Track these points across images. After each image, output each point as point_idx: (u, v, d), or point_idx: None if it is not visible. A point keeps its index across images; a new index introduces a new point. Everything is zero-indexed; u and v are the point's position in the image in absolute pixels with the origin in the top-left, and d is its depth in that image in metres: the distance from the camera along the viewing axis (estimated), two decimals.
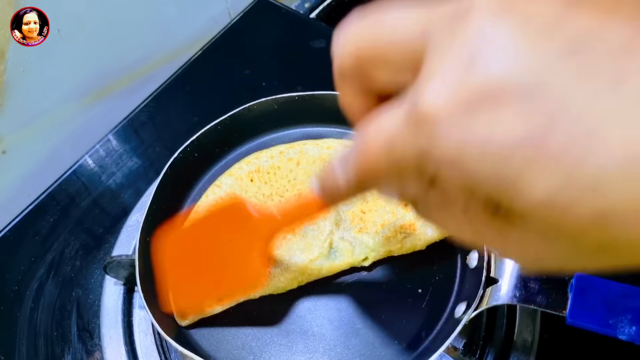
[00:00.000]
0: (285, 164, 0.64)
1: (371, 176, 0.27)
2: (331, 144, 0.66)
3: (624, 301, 0.45)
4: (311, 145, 0.66)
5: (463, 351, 0.58)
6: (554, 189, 0.20)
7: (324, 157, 0.65)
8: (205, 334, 0.57)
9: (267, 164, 0.65)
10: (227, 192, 0.63)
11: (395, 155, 0.24)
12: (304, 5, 1.08)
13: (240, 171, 0.65)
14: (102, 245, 0.70)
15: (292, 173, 0.64)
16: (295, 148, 0.66)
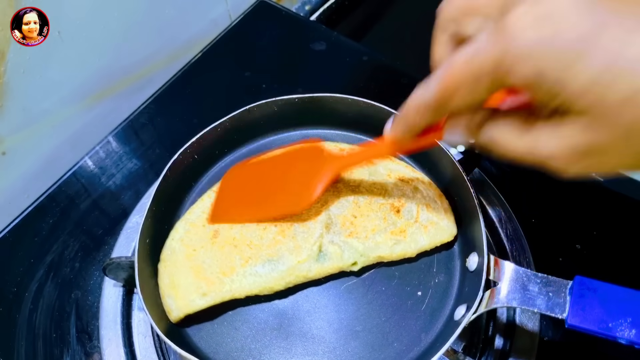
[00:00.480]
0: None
1: (452, 87, 0.34)
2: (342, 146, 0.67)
3: (623, 304, 0.45)
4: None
5: (462, 354, 0.58)
6: (597, 72, 0.28)
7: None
8: (205, 335, 0.57)
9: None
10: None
11: (478, 59, 0.32)
12: (304, 8, 1.08)
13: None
14: (102, 246, 0.70)
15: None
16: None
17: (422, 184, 0.63)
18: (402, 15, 1.10)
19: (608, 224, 0.69)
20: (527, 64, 0.30)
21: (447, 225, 0.60)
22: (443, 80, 0.35)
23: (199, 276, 0.56)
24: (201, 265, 0.57)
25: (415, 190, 0.62)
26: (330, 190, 0.62)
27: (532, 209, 0.70)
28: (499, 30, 0.31)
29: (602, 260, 0.66)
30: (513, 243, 0.66)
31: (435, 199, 0.62)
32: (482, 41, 0.32)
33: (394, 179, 0.63)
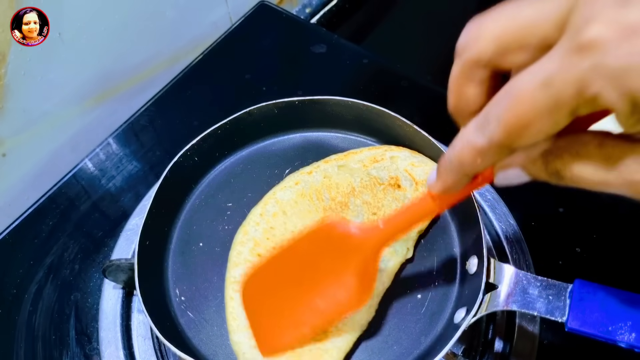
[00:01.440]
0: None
1: (523, 122, 0.29)
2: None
3: (623, 308, 0.45)
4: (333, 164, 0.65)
5: (462, 357, 0.58)
6: None
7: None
8: (204, 338, 0.57)
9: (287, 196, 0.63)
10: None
11: (555, 86, 0.28)
12: (304, 11, 1.08)
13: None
14: (102, 248, 0.70)
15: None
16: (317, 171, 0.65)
17: (392, 151, 0.65)
18: (402, 18, 1.10)
19: (608, 227, 0.69)
20: (621, 85, 0.26)
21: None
22: (509, 114, 0.29)
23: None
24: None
25: (393, 159, 0.64)
26: (332, 207, 0.61)
27: (532, 212, 0.70)
28: (581, 47, 0.27)
29: (602, 264, 0.66)
30: (513, 246, 0.66)
31: (412, 155, 0.64)
32: (557, 62, 0.28)
33: (370, 164, 0.64)
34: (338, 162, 0.65)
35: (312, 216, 0.60)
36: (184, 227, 0.65)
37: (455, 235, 0.62)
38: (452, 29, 1.18)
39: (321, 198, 0.62)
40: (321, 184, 0.63)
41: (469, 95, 0.34)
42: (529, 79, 0.28)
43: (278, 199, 0.62)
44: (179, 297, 0.59)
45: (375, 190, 0.62)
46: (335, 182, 0.63)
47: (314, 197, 0.62)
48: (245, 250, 0.58)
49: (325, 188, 0.63)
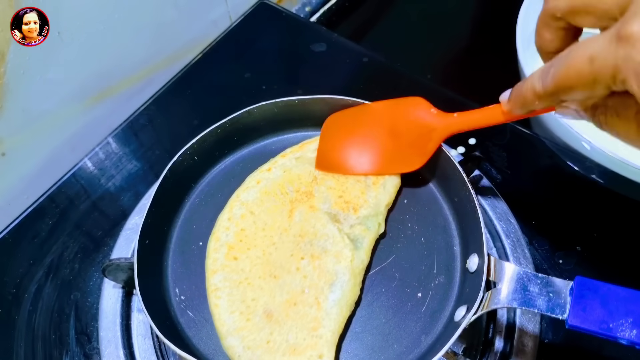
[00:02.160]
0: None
1: (569, 84, 0.36)
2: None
3: (624, 305, 0.45)
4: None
5: (463, 355, 0.58)
6: None
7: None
8: (204, 337, 0.57)
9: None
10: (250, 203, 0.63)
11: (597, 64, 0.33)
12: (304, 9, 1.08)
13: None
14: (101, 248, 0.70)
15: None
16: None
17: None
18: (402, 17, 1.10)
19: (608, 225, 0.69)
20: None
21: None
22: (561, 74, 0.36)
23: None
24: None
25: None
26: (298, 198, 0.62)
27: (532, 210, 0.70)
28: (620, 38, 0.32)
29: (602, 262, 0.66)
30: (513, 244, 0.66)
31: None
32: (604, 43, 0.33)
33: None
34: (295, 155, 0.66)
35: (280, 210, 0.62)
36: (183, 227, 0.65)
37: (455, 234, 0.62)
38: (451, 28, 1.20)
39: (285, 192, 0.63)
40: (282, 179, 0.64)
41: (547, 38, 0.41)
42: (582, 51, 0.34)
43: (243, 201, 0.63)
44: (179, 297, 0.59)
45: (337, 175, 0.64)
46: (296, 174, 0.64)
47: (278, 192, 0.63)
48: (221, 257, 0.59)
49: (287, 182, 0.64)
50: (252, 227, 0.61)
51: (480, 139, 0.76)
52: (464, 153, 0.75)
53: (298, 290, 0.56)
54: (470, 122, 0.56)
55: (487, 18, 1.09)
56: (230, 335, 0.54)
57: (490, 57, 1.00)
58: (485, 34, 1.07)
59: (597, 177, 0.73)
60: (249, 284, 0.57)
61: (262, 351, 0.53)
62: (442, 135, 0.58)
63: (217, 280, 0.57)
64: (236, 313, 0.55)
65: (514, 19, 0.81)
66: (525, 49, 0.78)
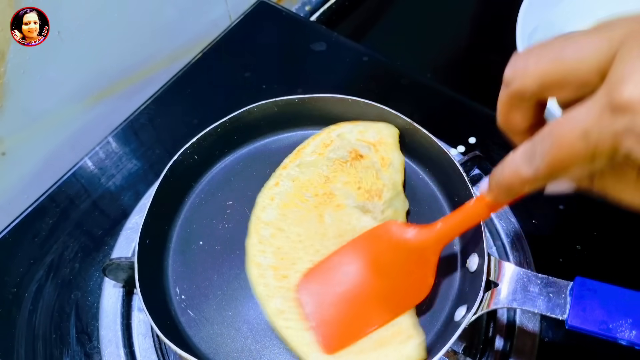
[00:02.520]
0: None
1: (564, 164, 0.32)
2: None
3: (624, 305, 0.45)
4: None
5: (463, 355, 0.58)
6: None
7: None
8: (204, 336, 0.57)
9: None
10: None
11: (592, 139, 0.30)
12: (304, 9, 1.08)
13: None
14: (102, 247, 0.70)
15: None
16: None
17: (335, 131, 0.67)
18: (402, 16, 1.10)
19: (609, 224, 0.69)
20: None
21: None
22: (552, 155, 0.33)
23: None
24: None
25: (341, 137, 0.66)
26: (320, 202, 0.61)
27: (532, 210, 0.70)
28: (615, 108, 0.29)
29: (602, 261, 0.66)
30: (513, 244, 0.66)
31: (354, 125, 0.67)
32: (595, 115, 0.30)
33: (324, 150, 0.65)
34: (294, 163, 0.65)
35: (308, 218, 0.60)
36: (184, 226, 0.65)
37: None
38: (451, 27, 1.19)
39: (304, 199, 0.62)
40: (295, 189, 0.63)
41: (516, 119, 0.38)
42: (570, 127, 0.31)
43: (266, 221, 0.61)
44: (180, 296, 0.59)
45: (346, 169, 0.63)
46: (307, 180, 0.63)
47: (298, 201, 0.62)
48: (270, 280, 0.56)
49: (302, 190, 0.62)
50: (287, 242, 0.59)
51: (481, 137, 0.76)
52: (464, 152, 0.75)
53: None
54: (457, 227, 0.50)
55: (487, 17, 1.09)
56: (316, 351, 0.53)
57: (490, 56, 1.00)
58: (486, 32, 1.07)
59: None
60: None
61: (353, 357, 0.52)
62: (435, 254, 0.53)
63: (278, 304, 0.55)
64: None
65: (514, 17, 0.80)
66: (526, 48, 0.78)
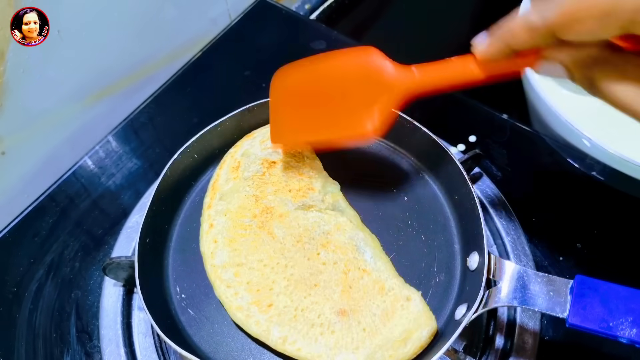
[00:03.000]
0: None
1: (579, 16, 0.31)
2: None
3: (624, 303, 0.45)
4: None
5: (463, 353, 0.58)
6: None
7: None
8: (205, 335, 0.57)
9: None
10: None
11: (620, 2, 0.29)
12: (304, 7, 1.08)
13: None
14: (102, 246, 0.70)
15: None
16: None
17: (238, 151, 0.66)
18: (401, 14, 1.10)
19: (609, 222, 0.69)
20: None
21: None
22: (569, 8, 0.31)
23: None
24: None
25: (246, 154, 0.66)
26: (263, 220, 0.60)
27: (532, 208, 0.70)
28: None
29: (602, 259, 0.66)
30: (514, 242, 0.66)
31: (250, 139, 0.67)
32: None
33: (235, 173, 0.64)
34: (216, 198, 0.63)
35: (260, 241, 0.58)
36: (184, 225, 0.65)
37: (455, 232, 0.62)
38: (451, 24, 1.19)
39: (246, 226, 0.60)
40: (231, 221, 0.60)
41: (522, 40, 0.36)
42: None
43: (221, 265, 0.58)
44: (180, 295, 0.59)
45: (267, 180, 0.63)
46: (238, 207, 0.61)
47: (241, 230, 0.59)
48: (259, 316, 0.54)
49: (238, 218, 0.60)
50: (254, 274, 0.57)
51: (481, 136, 0.76)
52: (464, 150, 0.75)
53: (342, 277, 0.56)
54: (435, 79, 0.46)
55: (487, 15, 1.09)
56: (336, 351, 0.52)
57: None
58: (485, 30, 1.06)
59: (597, 174, 0.73)
60: (302, 309, 0.54)
61: (369, 340, 0.52)
62: (397, 97, 0.49)
63: (277, 333, 0.54)
64: (315, 332, 0.53)
65: None
66: None
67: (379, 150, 0.69)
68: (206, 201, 0.63)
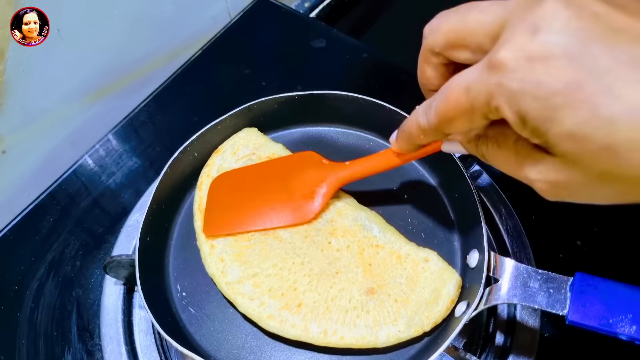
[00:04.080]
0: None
1: (449, 116, 0.36)
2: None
3: (624, 300, 0.45)
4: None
5: (463, 350, 0.58)
6: (578, 123, 0.29)
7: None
8: (206, 333, 0.57)
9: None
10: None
11: (472, 93, 0.34)
12: (303, 5, 1.08)
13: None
14: (102, 245, 0.70)
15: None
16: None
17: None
18: (401, 12, 1.10)
19: (608, 220, 0.69)
20: (515, 104, 0.31)
21: None
22: (441, 107, 0.37)
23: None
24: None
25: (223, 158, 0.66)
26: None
27: (532, 205, 0.70)
28: (491, 66, 0.32)
29: (602, 257, 0.66)
30: (513, 239, 0.66)
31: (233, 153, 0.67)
32: (477, 72, 0.33)
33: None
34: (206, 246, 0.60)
35: (268, 246, 0.58)
36: (184, 223, 0.65)
37: (455, 229, 0.62)
38: None
39: (249, 237, 0.59)
40: (231, 236, 0.59)
41: (428, 75, 0.43)
42: (458, 82, 0.35)
43: (237, 280, 0.57)
44: (180, 293, 0.60)
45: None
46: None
47: (245, 243, 0.59)
48: (295, 320, 0.54)
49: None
50: (274, 280, 0.56)
51: None
52: None
53: (359, 258, 0.57)
54: (364, 170, 0.57)
55: None
56: (376, 328, 0.54)
57: None
58: None
59: None
60: (332, 299, 0.55)
61: (403, 309, 0.54)
62: (334, 185, 0.58)
63: (316, 327, 0.54)
64: (352, 317, 0.54)
65: None
66: None
67: (378, 148, 0.69)
68: (198, 225, 0.61)
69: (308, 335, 0.54)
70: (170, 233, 0.64)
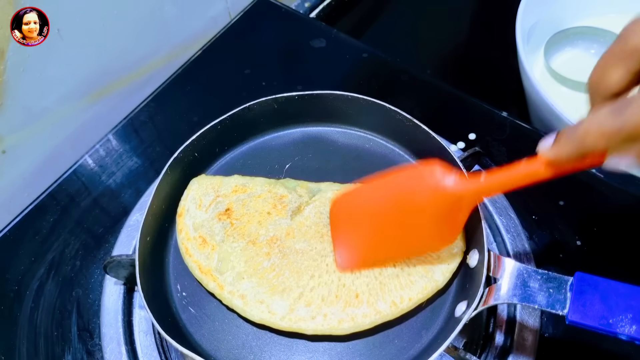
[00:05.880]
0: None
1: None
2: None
3: (624, 300, 0.45)
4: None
5: (463, 350, 0.58)
6: None
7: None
8: (206, 333, 0.57)
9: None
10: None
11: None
12: (303, 5, 1.08)
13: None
14: (102, 245, 0.70)
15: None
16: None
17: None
18: (401, 12, 1.10)
19: (608, 219, 0.69)
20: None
21: None
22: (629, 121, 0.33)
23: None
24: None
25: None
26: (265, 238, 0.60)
27: (532, 206, 0.70)
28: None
29: (602, 257, 0.66)
30: (513, 239, 0.66)
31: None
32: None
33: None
34: (217, 279, 0.59)
35: (300, 263, 0.58)
36: None
37: None
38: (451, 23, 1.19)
39: (271, 269, 0.58)
40: (254, 277, 0.57)
41: (614, 78, 0.37)
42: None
43: (276, 312, 0.55)
44: (180, 293, 0.60)
45: (241, 226, 0.61)
46: (246, 263, 0.58)
47: (275, 276, 0.57)
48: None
49: (256, 269, 0.58)
50: (323, 290, 0.56)
51: (480, 133, 0.76)
52: (464, 148, 0.75)
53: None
54: (502, 184, 0.47)
55: (487, 13, 1.09)
56: (431, 271, 0.56)
57: (490, 52, 1.00)
58: (485, 28, 1.07)
59: (596, 171, 0.73)
60: (380, 275, 0.57)
61: (429, 256, 0.57)
62: (471, 204, 0.51)
63: (364, 309, 0.55)
64: (405, 276, 0.56)
65: (513, 13, 0.80)
66: (525, 44, 0.78)
67: (378, 148, 0.69)
68: (212, 286, 0.57)
69: (382, 316, 0.55)
70: (170, 233, 0.64)
